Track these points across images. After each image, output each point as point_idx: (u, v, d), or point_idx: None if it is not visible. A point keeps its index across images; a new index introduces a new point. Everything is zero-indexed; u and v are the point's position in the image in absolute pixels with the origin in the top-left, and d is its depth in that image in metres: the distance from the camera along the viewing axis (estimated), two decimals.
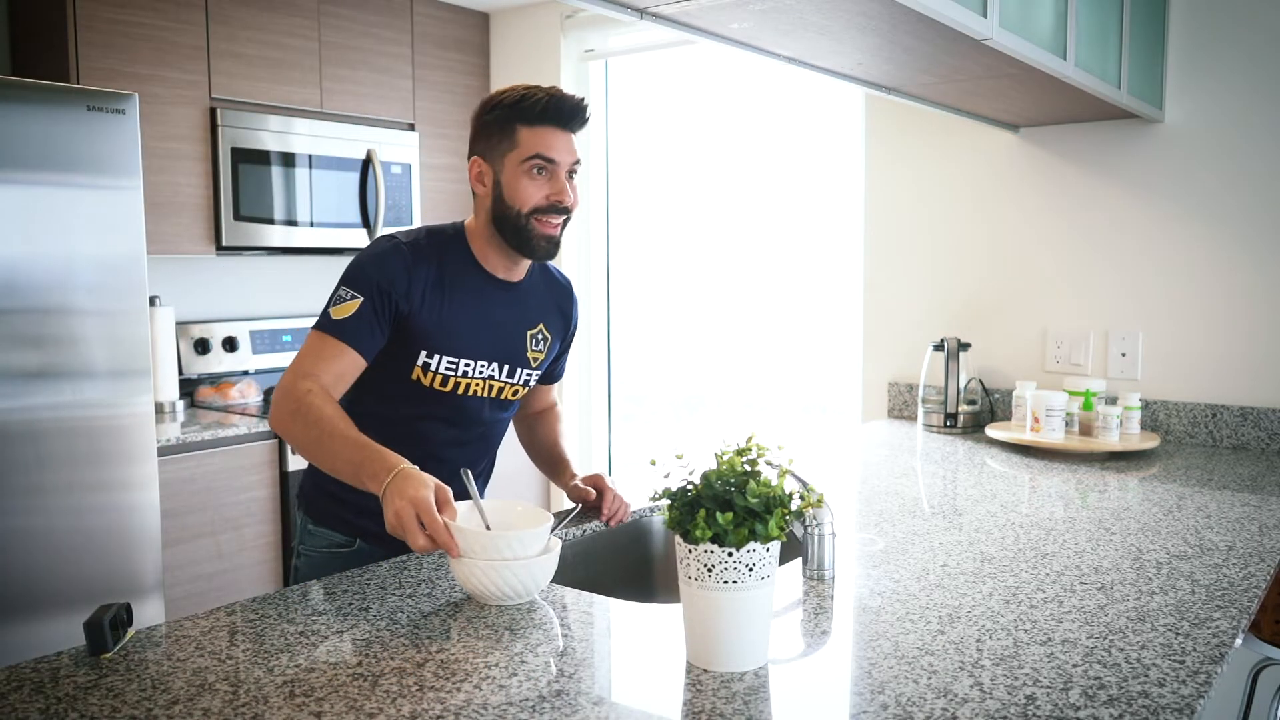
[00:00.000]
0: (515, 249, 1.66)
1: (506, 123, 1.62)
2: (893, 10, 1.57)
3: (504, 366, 1.72)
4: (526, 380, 1.77)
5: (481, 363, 1.68)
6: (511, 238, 1.65)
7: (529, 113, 1.61)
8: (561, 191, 1.64)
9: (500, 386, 1.72)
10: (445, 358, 1.65)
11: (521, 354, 1.74)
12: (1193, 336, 2.67)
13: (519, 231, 1.63)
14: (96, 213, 2.56)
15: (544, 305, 1.80)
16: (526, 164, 1.61)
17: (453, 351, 1.65)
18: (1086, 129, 2.79)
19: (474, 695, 1.08)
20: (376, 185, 3.58)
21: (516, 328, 1.73)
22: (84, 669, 1.15)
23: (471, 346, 1.67)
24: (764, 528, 1.11)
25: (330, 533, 1.75)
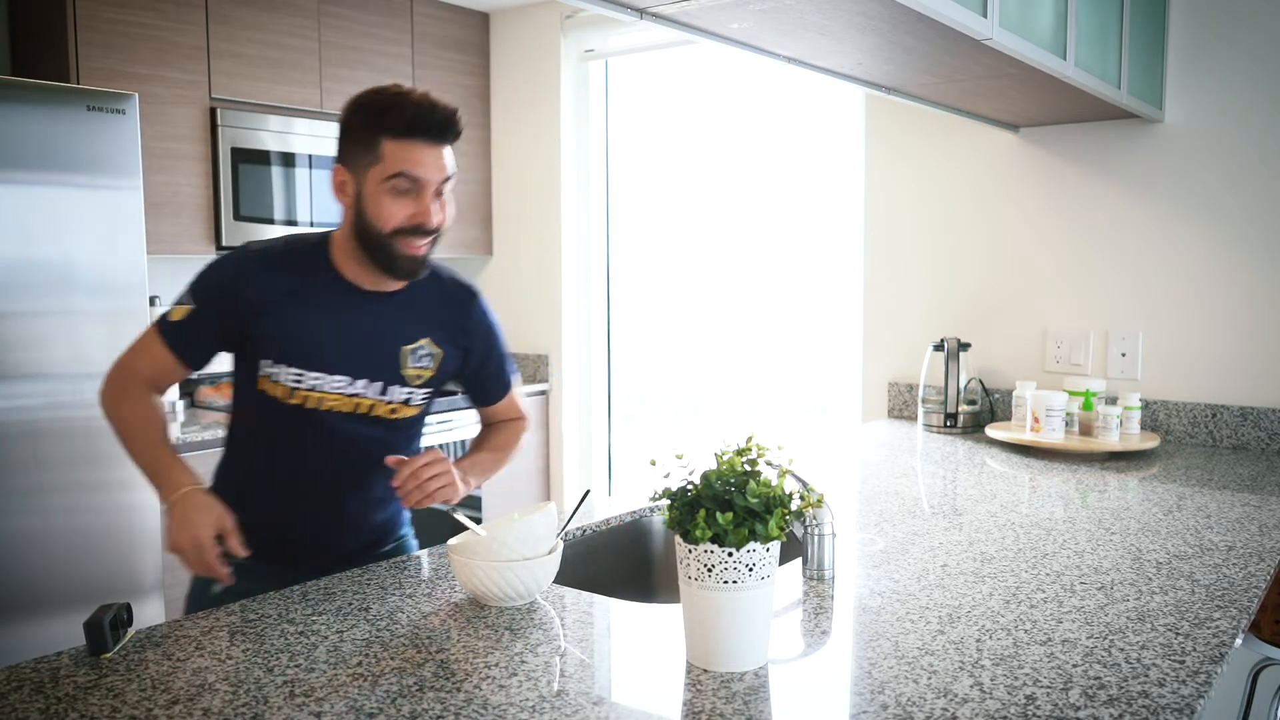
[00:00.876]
0: (376, 267, 1.54)
1: (370, 133, 1.49)
2: (893, 10, 1.57)
3: (374, 384, 1.58)
4: (409, 399, 1.62)
5: (337, 377, 1.56)
6: (372, 255, 1.53)
7: (394, 124, 1.48)
8: (425, 213, 1.50)
9: (370, 404, 1.59)
10: (289, 368, 1.54)
11: (393, 370, 1.59)
12: (1193, 336, 2.67)
13: (381, 250, 1.52)
14: (96, 213, 2.56)
15: (428, 318, 1.64)
16: (389, 182, 1.48)
17: (300, 363, 1.54)
18: (1086, 129, 2.79)
19: (474, 695, 1.08)
20: None
21: (386, 342, 1.59)
22: (84, 669, 1.15)
23: (323, 359, 1.55)
24: (764, 528, 1.11)
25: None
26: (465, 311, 1.69)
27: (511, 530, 1.37)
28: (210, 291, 1.56)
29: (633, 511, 1.95)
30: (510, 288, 4.13)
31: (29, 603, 2.49)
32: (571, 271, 4.02)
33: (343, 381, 1.56)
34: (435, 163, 1.51)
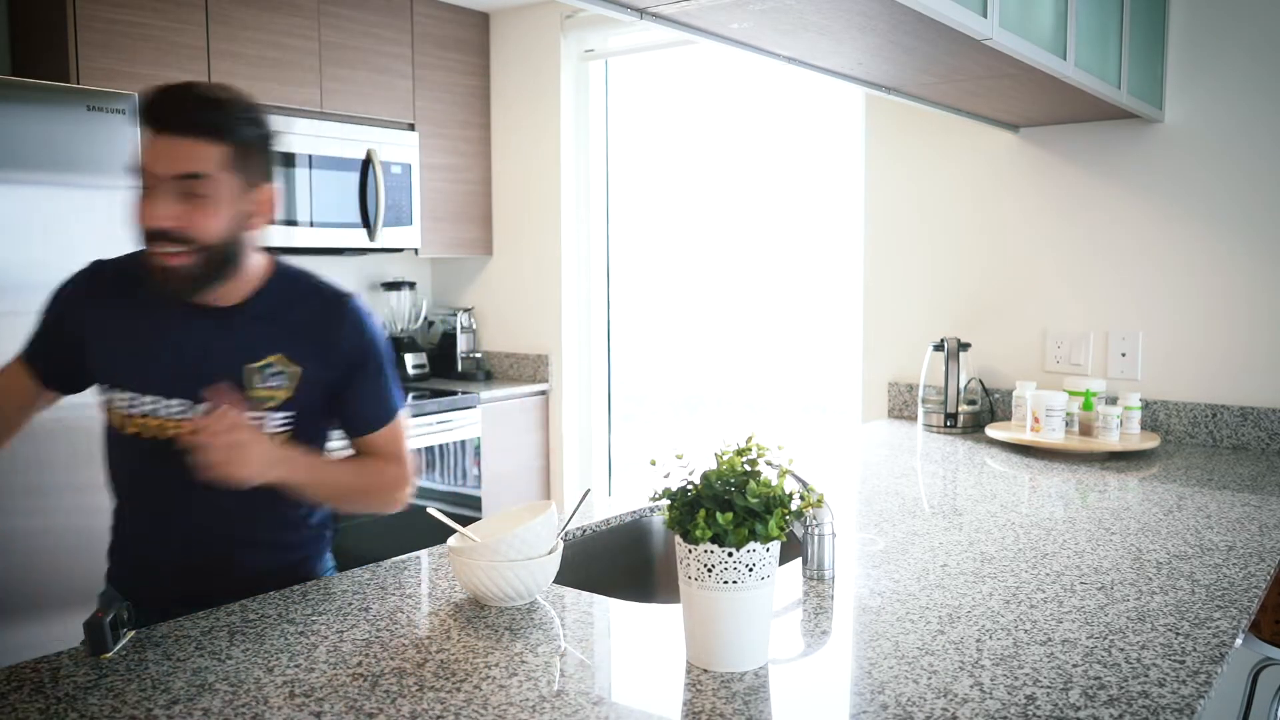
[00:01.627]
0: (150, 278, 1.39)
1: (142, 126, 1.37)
2: (893, 10, 1.57)
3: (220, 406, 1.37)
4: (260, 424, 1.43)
5: (174, 401, 1.42)
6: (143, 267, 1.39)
7: (144, 117, 1.35)
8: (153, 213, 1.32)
9: None
10: (121, 392, 1.44)
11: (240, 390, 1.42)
12: (1193, 336, 2.67)
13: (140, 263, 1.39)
14: (96, 213, 2.56)
15: (281, 333, 1.46)
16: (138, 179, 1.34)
17: (131, 386, 1.43)
18: (1086, 129, 2.79)
19: (474, 695, 1.08)
20: (376, 185, 3.58)
21: (227, 360, 1.42)
22: (84, 669, 1.15)
23: (153, 380, 1.42)
24: (764, 528, 1.11)
25: None
26: (330, 321, 1.48)
27: (511, 530, 1.37)
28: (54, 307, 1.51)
29: (633, 511, 1.95)
30: (510, 288, 4.13)
31: (29, 603, 2.49)
32: (571, 271, 4.02)
33: (180, 406, 1.41)
34: (168, 155, 1.32)
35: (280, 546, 1.55)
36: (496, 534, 1.40)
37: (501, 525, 1.47)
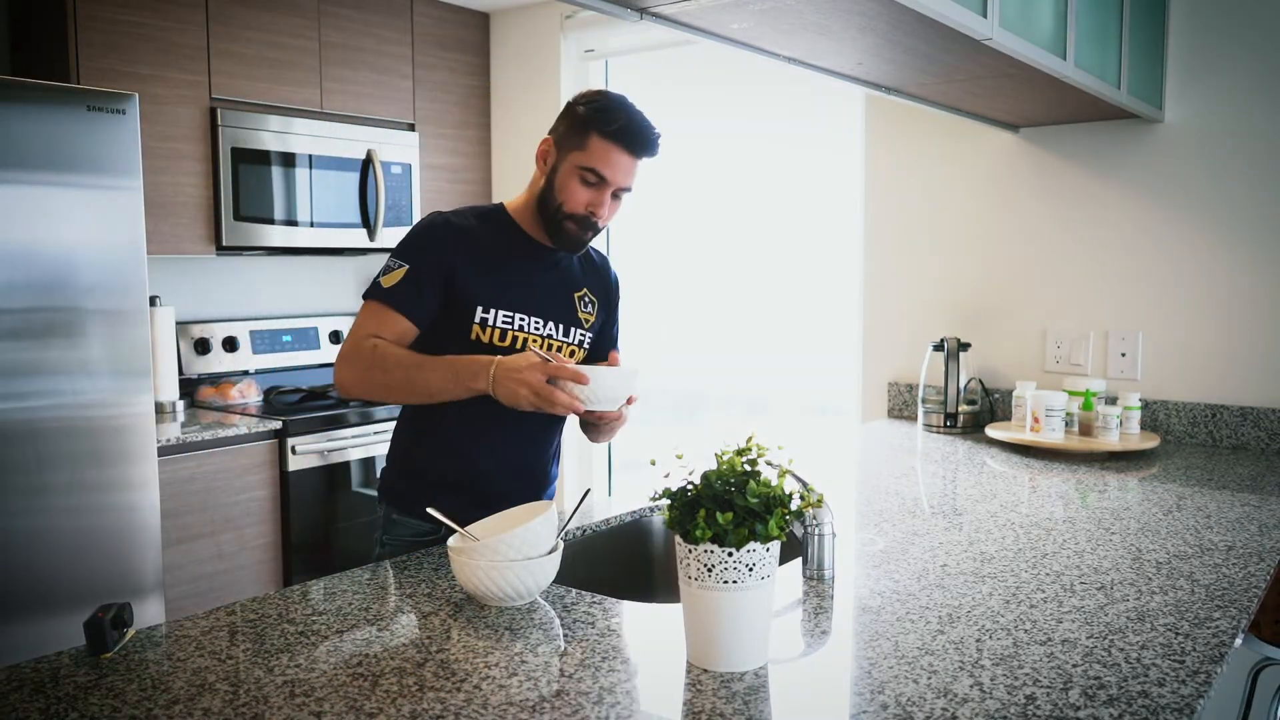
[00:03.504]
0: (546, 233, 1.76)
1: (585, 124, 1.69)
2: (892, 10, 1.57)
3: (559, 325, 1.79)
4: (581, 340, 1.83)
5: (536, 319, 1.76)
6: (545, 222, 1.75)
7: (605, 126, 1.68)
8: (599, 206, 1.71)
9: (559, 345, 1.79)
10: (501, 312, 1.72)
11: (573, 313, 1.82)
12: (1193, 336, 2.67)
13: (552, 222, 1.73)
14: (96, 213, 2.56)
15: (584, 271, 1.88)
16: (583, 171, 1.69)
17: (508, 306, 1.72)
18: (1086, 129, 2.79)
19: (474, 695, 1.08)
20: (376, 185, 3.58)
21: (564, 289, 1.82)
22: (84, 669, 1.15)
23: (524, 302, 1.74)
24: (764, 528, 1.11)
25: (417, 522, 1.75)
26: (605, 268, 1.94)
27: (511, 530, 1.37)
28: (422, 251, 1.70)
29: (633, 511, 1.95)
30: None
31: (29, 603, 2.49)
32: None
33: (540, 323, 1.76)
34: (625, 170, 1.71)
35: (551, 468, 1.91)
36: (496, 534, 1.40)
37: (501, 525, 1.48)
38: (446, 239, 1.71)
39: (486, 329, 1.71)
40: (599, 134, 1.68)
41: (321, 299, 3.95)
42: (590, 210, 1.71)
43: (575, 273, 1.85)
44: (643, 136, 1.70)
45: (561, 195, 1.71)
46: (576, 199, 1.70)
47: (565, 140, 1.71)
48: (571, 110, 1.73)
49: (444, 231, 1.72)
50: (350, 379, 1.66)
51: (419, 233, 1.73)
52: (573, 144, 1.70)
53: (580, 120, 1.70)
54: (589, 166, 1.68)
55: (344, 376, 1.67)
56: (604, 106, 1.70)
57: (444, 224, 1.74)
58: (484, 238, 1.74)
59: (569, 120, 1.72)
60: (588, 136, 1.68)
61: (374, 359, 1.64)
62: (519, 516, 1.49)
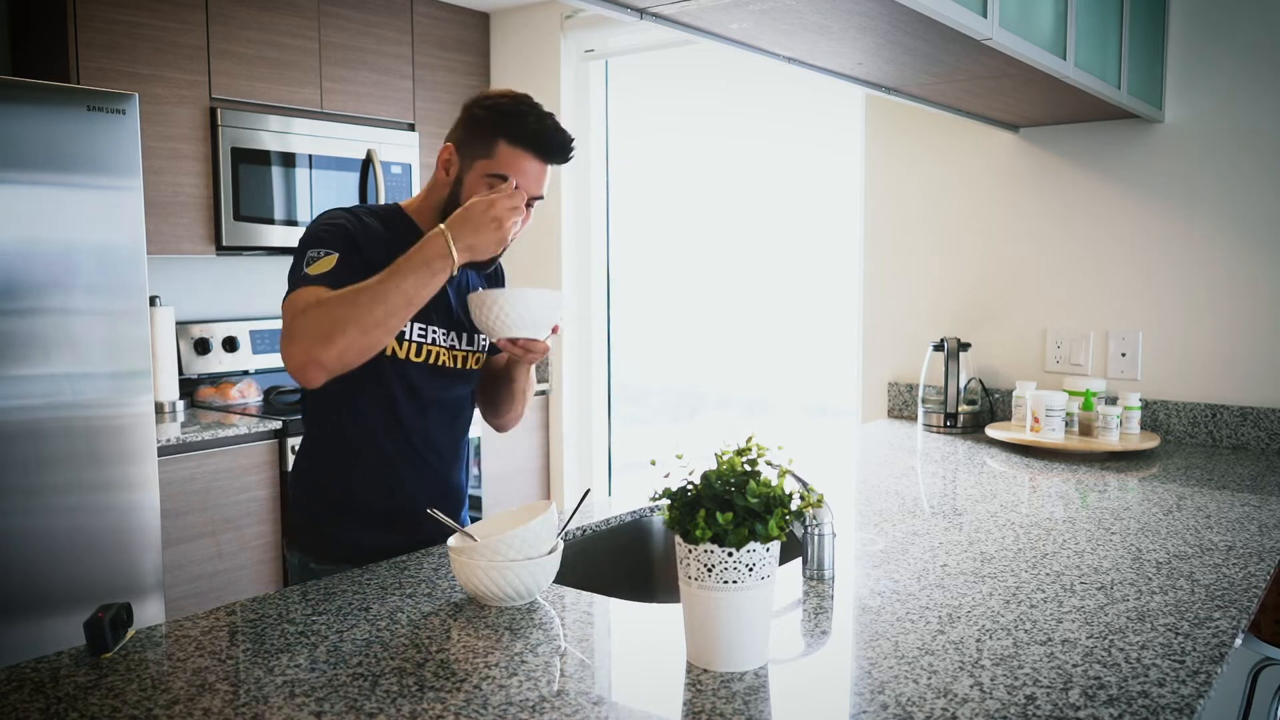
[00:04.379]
0: None
1: (490, 129, 1.60)
2: (893, 10, 1.57)
3: (462, 335, 1.71)
4: (483, 346, 1.76)
5: (442, 330, 1.67)
6: None
7: (514, 131, 1.59)
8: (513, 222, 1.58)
9: (464, 355, 1.71)
10: (415, 324, 1.62)
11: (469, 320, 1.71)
12: (1193, 336, 2.67)
13: None
14: (96, 213, 2.56)
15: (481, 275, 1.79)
16: (490, 179, 1.59)
17: (422, 319, 1.63)
18: (1086, 129, 2.79)
19: (474, 695, 1.08)
20: (376, 185, 3.58)
21: (460, 295, 1.73)
22: (84, 669, 1.15)
23: (437, 315, 1.66)
24: (764, 528, 1.11)
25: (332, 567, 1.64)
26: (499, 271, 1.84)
27: (511, 530, 1.37)
28: (345, 241, 1.57)
29: (633, 511, 1.95)
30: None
31: (29, 603, 2.49)
32: (571, 271, 4.02)
33: (445, 334, 1.68)
34: (537, 178, 1.61)
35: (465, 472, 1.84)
36: (496, 534, 1.40)
37: (501, 525, 1.47)
38: (360, 240, 1.58)
39: (404, 343, 1.61)
40: (507, 140, 1.58)
41: None
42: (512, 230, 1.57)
43: (471, 277, 1.76)
44: (553, 141, 1.60)
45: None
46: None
47: (469, 147, 1.61)
48: (473, 114, 1.62)
49: (356, 231, 1.59)
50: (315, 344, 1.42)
51: (332, 224, 1.59)
52: (478, 151, 1.60)
53: (485, 125, 1.60)
54: (497, 174, 1.58)
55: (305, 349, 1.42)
56: (510, 110, 1.60)
57: (353, 220, 1.61)
58: (385, 241, 1.60)
59: (472, 125, 1.61)
60: (494, 143, 1.59)
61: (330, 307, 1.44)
62: (519, 516, 1.49)
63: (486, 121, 1.60)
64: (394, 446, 1.67)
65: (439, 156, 1.66)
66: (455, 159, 1.63)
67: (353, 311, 1.43)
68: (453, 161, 1.64)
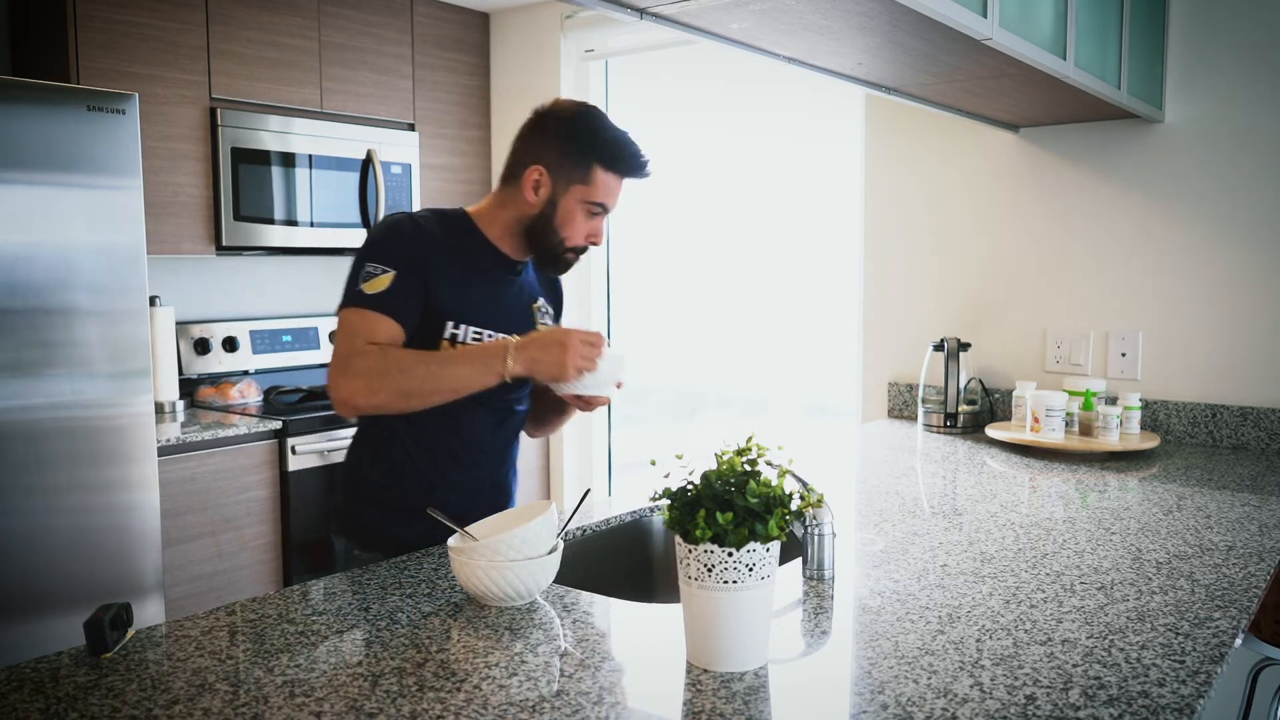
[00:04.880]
0: (539, 262, 1.77)
1: (584, 156, 1.66)
2: (893, 10, 1.57)
3: None
4: None
5: (500, 335, 1.71)
6: (538, 251, 1.72)
7: (613, 160, 1.67)
8: (600, 234, 1.73)
9: None
10: (471, 327, 1.67)
11: (532, 325, 1.79)
12: (1193, 336, 2.67)
13: (550, 253, 1.72)
14: (96, 213, 2.56)
15: (541, 283, 1.87)
16: (589, 204, 1.68)
17: (477, 321, 1.68)
18: (1086, 129, 2.79)
19: (474, 695, 1.08)
20: (376, 185, 3.58)
21: (524, 301, 1.80)
22: (84, 669, 1.15)
23: (490, 318, 1.70)
24: (764, 528, 1.11)
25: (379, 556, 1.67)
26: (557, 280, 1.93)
27: (511, 530, 1.37)
28: (403, 256, 1.61)
29: (633, 511, 1.95)
30: None
31: (29, 603, 2.49)
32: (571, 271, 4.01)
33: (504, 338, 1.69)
34: (618, 195, 1.71)
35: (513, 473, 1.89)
36: (496, 534, 1.40)
37: (501, 525, 1.48)
38: (422, 245, 1.64)
39: (457, 344, 1.65)
40: (604, 167, 1.66)
41: (321, 299, 3.95)
42: (591, 240, 1.72)
43: (532, 283, 1.83)
44: (644, 166, 1.69)
45: (566, 230, 1.68)
46: (580, 232, 1.69)
47: (563, 171, 1.66)
48: (560, 138, 1.66)
49: (418, 237, 1.64)
50: (360, 390, 1.53)
51: (393, 236, 1.64)
52: (573, 176, 1.66)
53: (578, 152, 1.65)
54: (597, 201, 1.67)
55: (351, 390, 1.53)
56: (609, 140, 1.66)
57: (415, 229, 1.65)
58: (452, 248, 1.67)
59: (562, 151, 1.65)
60: (592, 170, 1.65)
61: (387, 363, 1.53)
62: (519, 516, 1.49)
63: (580, 148, 1.66)
64: (443, 446, 1.71)
65: (525, 178, 1.68)
66: (546, 181, 1.67)
67: (401, 380, 1.54)
68: (544, 184, 1.67)
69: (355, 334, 1.57)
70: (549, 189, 1.67)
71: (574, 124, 1.67)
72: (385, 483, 1.73)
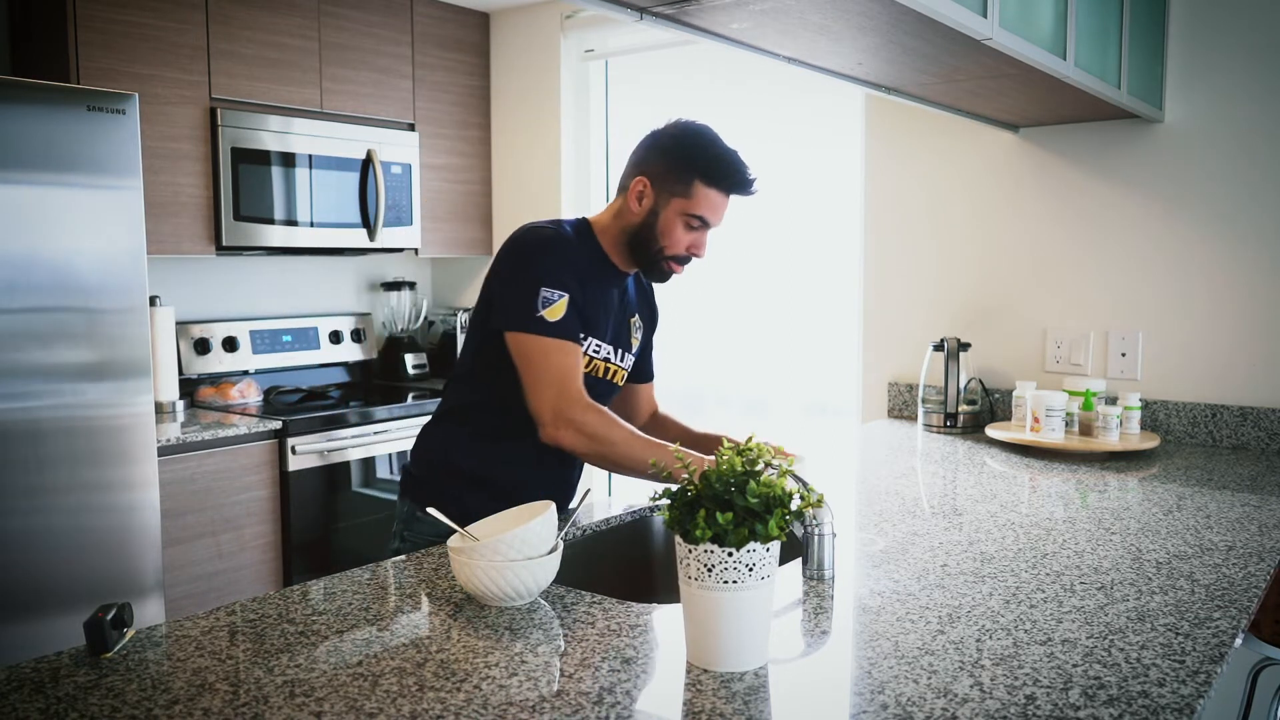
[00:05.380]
0: (644, 271, 1.82)
1: (688, 170, 1.70)
2: (893, 10, 1.57)
3: (617, 350, 1.85)
4: (628, 364, 1.89)
5: (606, 345, 1.81)
6: (639, 258, 1.78)
7: (715, 176, 1.70)
8: (702, 247, 1.77)
9: (613, 369, 1.84)
10: (594, 340, 1.77)
11: (628, 338, 1.88)
12: (1193, 336, 2.67)
13: (650, 261, 1.77)
14: (96, 213, 2.56)
15: (638, 296, 1.94)
16: (689, 217, 1.72)
17: (597, 334, 1.78)
18: (1086, 129, 2.79)
19: (474, 695, 1.08)
20: (376, 185, 3.58)
21: (624, 314, 1.87)
22: (84, 669, 1.15)
23: (602, 327, 1.79)
24: (764, 528, 1.11)
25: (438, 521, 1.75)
26: (652, 296, 2.00)
27: (511, 530, 1.37)
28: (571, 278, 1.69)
29: (633, 511, 1.95)
30: None
31: (29, 603, 2.49)
32: None
33: (604, 348, 1.81)
34: (722, 211, 1.75)
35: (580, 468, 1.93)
36: (496, 534, 1.40)
37: (501, 525, 1.47)
38: (575, 263, 1.72)
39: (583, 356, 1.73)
40: (705, 183, 1.70)
41: (322, 299, 3.95)
42: (692, 252, 1.76)
43: (631, 297, 1.89)
44: (747, 183, 1.72)
45: (665, 240, 1.73)
46: (680, 243, 1.74)
47: (666, 184, 1.71)
48: (666, 151, 1.72)
49: (569, 255, 1.72)
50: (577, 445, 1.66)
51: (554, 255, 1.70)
52: (675, 190, 1.71)
53: (682, 166, 1.70)
54: (696, 214, 1.71)
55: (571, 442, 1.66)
56: (712, 156, 1.70)
57: (565, 245, 1.73)
58: (583, 261, 1.75)
59: (667, 163, 1.71)
60: (692, 184, 1.69)
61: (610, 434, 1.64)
62: (519, 516, 1.49)
63: (684, 163, 1.70)
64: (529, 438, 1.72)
65: (632, 187, 1.74)
66: (650, 192, 1.73)
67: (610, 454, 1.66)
68: (646, 194, 1.73)
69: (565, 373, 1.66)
70: (651, 199, 1.73)
71: (679, 139, 1.73)
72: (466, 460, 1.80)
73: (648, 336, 1.97)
